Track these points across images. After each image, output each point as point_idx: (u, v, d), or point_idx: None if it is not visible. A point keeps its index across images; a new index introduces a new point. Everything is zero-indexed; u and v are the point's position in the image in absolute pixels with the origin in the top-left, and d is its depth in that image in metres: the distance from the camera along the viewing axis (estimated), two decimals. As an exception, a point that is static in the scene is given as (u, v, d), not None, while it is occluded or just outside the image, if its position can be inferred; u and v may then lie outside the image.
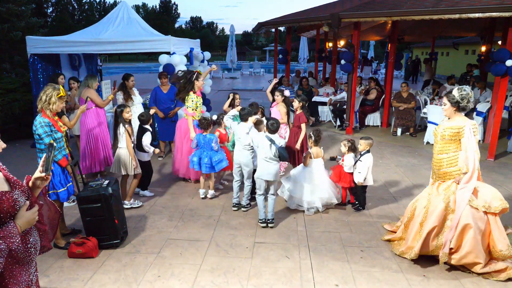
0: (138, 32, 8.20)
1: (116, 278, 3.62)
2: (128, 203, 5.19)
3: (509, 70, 7.07)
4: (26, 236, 1.85)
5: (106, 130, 6.38)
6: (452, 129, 3.75)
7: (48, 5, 54.05)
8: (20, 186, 1.88)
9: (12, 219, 1.79)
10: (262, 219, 4.75)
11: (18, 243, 1.76)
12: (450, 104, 3.75)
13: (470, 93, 3.73)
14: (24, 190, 1.90)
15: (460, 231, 3.64)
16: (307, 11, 12.22)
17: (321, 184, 5.07)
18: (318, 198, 5.04)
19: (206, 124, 5.45)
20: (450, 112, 3.79)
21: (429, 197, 3.96)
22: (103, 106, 6.30)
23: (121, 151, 5.06)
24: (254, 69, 29.54)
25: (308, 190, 5.03)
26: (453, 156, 3.80)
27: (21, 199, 1.84)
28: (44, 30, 10.83)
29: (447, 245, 3.66)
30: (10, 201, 1.77)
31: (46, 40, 7.86)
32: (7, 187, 1.83)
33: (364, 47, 34.97)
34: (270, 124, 4.70)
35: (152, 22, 25.52)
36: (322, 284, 3.57)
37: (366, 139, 5.05)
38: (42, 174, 1.96)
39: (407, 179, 6.45)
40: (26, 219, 1.82)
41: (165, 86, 7.19)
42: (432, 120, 8.54)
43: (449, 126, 3.79)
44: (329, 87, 12.55)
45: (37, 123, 3.90)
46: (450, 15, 7.25)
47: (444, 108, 3.82)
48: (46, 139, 3.91)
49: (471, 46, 25.39)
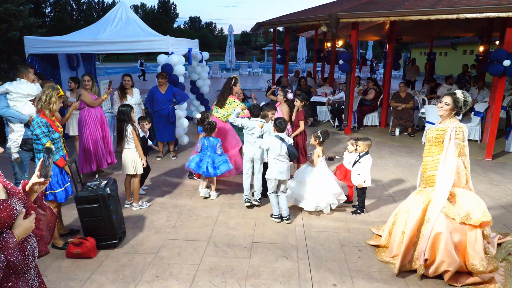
0: (136, 32, 8.19)
1: (114, 278, 3.62)
2: (136, 205, 5.19)
3: (507, 70, 7.09)
4: (23, 243, 1.80)
5: (106, 130, 6.35)
6: (438, 130, 3.64)
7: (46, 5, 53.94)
8: (17, 193, 1.83)
9: (9, 228, 1.73)
10: (277, 215, 4.86)
11: (16, 254, 1.71)
12: (454, 104, 3.56)
13: (471, 99, 3.63)
14: (21, 197, 1.85)
15: (432, 241, 3.46)
16: (306, 11, 12.24)
17: (329, 181, 5.05)
18: (330, 195, 4.97)
19: (211, 129, 5.43)
20: (448, 113, 3.61)
21: (409, 205, 3.84)
22: (94, 105, 6.15)
23: (130, 151, 5.02)
24: (253, 69, 29.57)
25: (318, 190, 4.98)
26: (437, 159, 3.66)
27: (18, 207, 1.79)
28: (42, 30, 10.83)
29: (421, 256, 3.52)
30: (8, 210, 1.72)
31: (44, 40, 7.85)
32: (4, 195, 1.78)
33: (362, 47, 35.06)
34: (278, 122, 4.80)
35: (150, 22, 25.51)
36: (320, 283, 3.58)
37: (365, 140, 5.00)
38: (40, 180, 1.91)
39: (405, 179, 6.46)
40: (24, 228, 1.77)
41: (163, 87, 7.16)
42: (430, 120, 8.55)
43: (436, 127, 3.68)
44: (327, 87, 12.56)
45: (35, 123, 3.91)
46: (448, 16, 7.28)
47: (444, 108, 3.61)
48: (43, 140, 3.91)
49: (469, 46, 25.46)
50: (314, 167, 5.09)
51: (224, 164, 5.35)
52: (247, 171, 5.28)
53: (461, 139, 3.51)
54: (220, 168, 5.31)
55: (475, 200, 3.55)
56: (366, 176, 4.93)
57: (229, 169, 5.41)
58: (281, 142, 4.71)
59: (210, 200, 5.52)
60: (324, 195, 4.97)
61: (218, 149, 5.37)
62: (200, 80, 10.16)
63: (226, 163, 5.37)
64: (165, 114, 7.17)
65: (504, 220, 4.92)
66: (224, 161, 5.37)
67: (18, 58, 9.52)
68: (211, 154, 5.38)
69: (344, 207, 5.23)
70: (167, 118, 7.20)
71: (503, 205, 5.44)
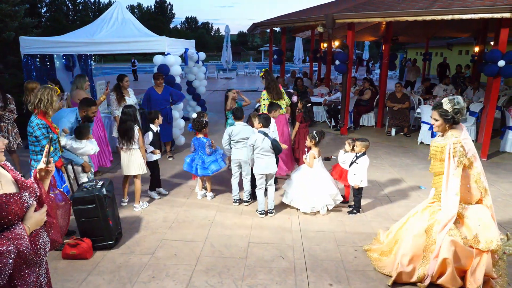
0: (132, 32, 8.18)
1: (111, 279, 3.62)
2: (138, 206, 5.19)
3: (501, 71, 7.13)
4: (35, 237, 1.85)
5: (102, 131, 6.33)
6: (435, 146, 3.38)
7: (42, 5, 53.72)
8: (28, 187, 1.87)
9: (21, 221, 1.78)
10: (261, 211, 5.00)
11: (26, 244, 1.75)
12: (443, 120, 3.28)
13: (462, 103, 3.28)
14: (32, 191, 1.89)
15: (440, 264, 3.33)
16: (302, 12, 12.26)
17: (326, 182, 5.07)
18: (327, 196, 4.99)
19: (197, 126, 5.42)
20: (443, 128, 3.34)
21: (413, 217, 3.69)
22: None
23: (137, 152, 5.03)
24: (249, 69, 29.56)
25: (314, 191, 4.99)
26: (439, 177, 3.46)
27: (29, 200, 1.83)
28: (37, 30, 10.75)
29: (427, 279, 3.41)
30: (19, 203, 1.76)
31: (40, 41, 7.82)
32: (16, 189, 1.82)
33: (359, 48, 35.10)
34: (262, 118, 4.98)
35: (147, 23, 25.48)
36: (316, 283, 3.59)
37: (363, 141, 4.99)
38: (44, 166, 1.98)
39: (401, 179, 6.49)
40: (35, 220, 1.82)
41: (160, 87, 7.15)
42: (426, 120, 8.60)
43: (434, 143, 3.42)
44: (323, 87, 12.59)
45: (34, 125, 3.86)
46: (443, 16, 7.32)
47: (436, 124, 3.35)
48: (43, 141, 3.89)
49: (465, 46, 25.62)
50: (312, 168, 5.10)
51: (213, 163, 5.33)
52: (235, 173, 5.35)
53: (461, 154, 3.22)
54: (210, 168, 5.31)
55: (486, 223, 3.29)
56: (363, 176, 4.95)
57: (220, 168, 5.40)
58: (265, 137, 4.81)
59: (207, 201, 5.52)
60: (320, 196, 4.99)
61: (207, 149, 5.35)
62: (196, 80, 10.15)
63: (216, 163, 5.36)
64: (163, 114, 7.15)
65: (499, 220, 4.94)
66: (213, 161, 5.35)
67: (13, 59, 9.46)
68: (202, 154, 5.40)
69: (340, 207, 5.25)
70: (165, 118, 7.19)
71: (498, 204, 5.47)
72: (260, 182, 4.98)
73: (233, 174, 5.35)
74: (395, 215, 5.03)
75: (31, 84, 5.66)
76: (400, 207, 5.30)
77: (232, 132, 5.17)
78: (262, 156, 4.87)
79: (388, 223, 4.83)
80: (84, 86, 6.14)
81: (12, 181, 1.84)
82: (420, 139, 8.79)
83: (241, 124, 5.26)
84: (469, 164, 3.32)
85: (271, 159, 4.91)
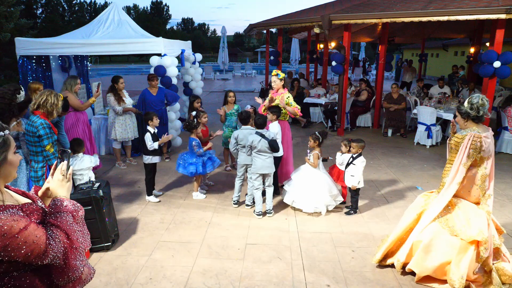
0: (128, 33, 8.16)
1: (107, 281, 3.60)
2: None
3: (497, 71, 7.18)
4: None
5: (89, 133, 6.25)
6: (457, 137, 3.51)
7: (37, 6, 53.53)
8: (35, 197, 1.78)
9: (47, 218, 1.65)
10: (259, 212, 4.98)
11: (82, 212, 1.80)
12: (460, 115, 3.50)
13: (481, 101, 3.39)
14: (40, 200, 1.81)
15: (410, 247, 3.51)
16: (298, 13, 12.28)
17: (327, 182, 5.07)
18: (328, 196, 5.00)
19: (186, 126, 5.45)
20: (461, 123, 3.53)
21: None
22: (81, 109, 6.09)
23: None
24: (246, 70, 29.58)
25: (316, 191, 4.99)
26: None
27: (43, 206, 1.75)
28: (33, 31, 10.76)
29: (397, 263, 3.62)
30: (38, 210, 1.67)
31: (36, 42, 7.78)
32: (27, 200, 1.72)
33: (355, 49, 35.23)
34: (257, 119, 4.99)
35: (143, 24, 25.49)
36: (313, 284, 3.59)
37: (359, 142, 5.00)
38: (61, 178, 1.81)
39: (398, 180, 6.51)
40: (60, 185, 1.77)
41: (154, 89, 7.11)
42: (422, 121, 8.64)
43: (456, 134, 3.57)
44: (320, 88, 12.61)
45: (38, 124, 3.86)
46: (439, 17, 7.36)
47: (456, 119, 3.60)
48: (45, 141, 3.89)
49: (460, 47, 25.74)
50: (314, 168, 5.11)
51: (192, 165, 5.30)
52: (240, 176, 5.35)
53: (476, 149, 3.31)
54: (188, 168, 5.30)
55: (477, 217, 3.39)
56: (360, 177, 4.96)
57: (198, 173, 5.33)
58: (261, 139, 4.81)
59: (204, 202, 5.51)
60: (322, 196, 5.00)
61: (195, 148, 5.32)
62: (193, 81, 10.15)
63: (194, 165, 5.30)
64: (158, 115, 7.13)
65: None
66: (190, 163, 5.31)
67: (9, 60, 9.43)
68: (187, 154, 5.42)
69: (338, 208, 5.26)
70: (160, 119, 7.15)
71: (494, 205, 5.46)
72: (257, 182, 4.98)
73: (238, 176, 5.34)
74: (392, 216, 5.05)
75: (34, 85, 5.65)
76: (397, 208, 5.31)
77: (238, 137, 5.15)
78: (259, 156, 4.89)
79: (385, 224, 4.84)
80: (74, 89, 6.03)
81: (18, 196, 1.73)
82: (416, 140, 8.82)
83: (248, 128, 5.19)
84: (480, 161, 3.42)
85: (268, 159, 4.91)
